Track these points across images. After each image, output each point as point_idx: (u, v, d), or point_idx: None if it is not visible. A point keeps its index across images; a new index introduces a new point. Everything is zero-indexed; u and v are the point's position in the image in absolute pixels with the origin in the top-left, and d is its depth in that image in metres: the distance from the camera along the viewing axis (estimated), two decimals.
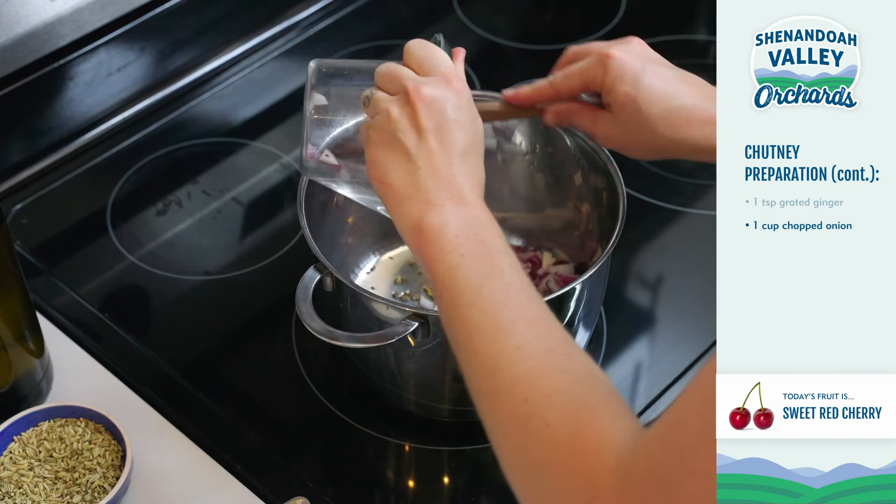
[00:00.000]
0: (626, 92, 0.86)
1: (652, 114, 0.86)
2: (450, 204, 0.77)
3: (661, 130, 0.86)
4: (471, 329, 0.72)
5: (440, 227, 0.76)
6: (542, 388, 0.67)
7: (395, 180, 0.79)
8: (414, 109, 0.79)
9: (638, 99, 0.86)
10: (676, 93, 0.86)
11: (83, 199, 1.22)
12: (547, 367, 0.68)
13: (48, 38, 1.19)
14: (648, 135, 0.87)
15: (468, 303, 0.72)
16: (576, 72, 0.90)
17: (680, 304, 1.12)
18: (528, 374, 0.68)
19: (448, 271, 0.74)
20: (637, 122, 0.87)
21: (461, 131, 0.79)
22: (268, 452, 0.99)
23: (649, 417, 1.02)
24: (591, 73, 0.88)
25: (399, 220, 0.79)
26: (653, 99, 0.86)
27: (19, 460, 0.93)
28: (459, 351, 0.73)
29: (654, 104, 0.86)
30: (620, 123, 0.88)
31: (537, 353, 0.69)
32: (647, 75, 0.86)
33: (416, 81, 0.80)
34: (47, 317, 1.08)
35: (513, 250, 0.76)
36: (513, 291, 0.72)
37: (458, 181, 0.78)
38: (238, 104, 1.32)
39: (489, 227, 0.76)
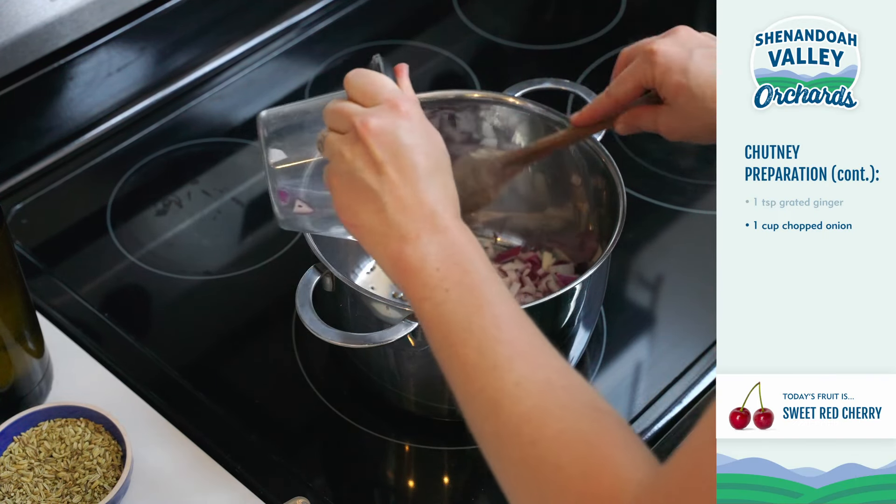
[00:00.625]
0: (676, 82, 0.86)
1: (707, 96, 0.85)
2: (425, 234, 0.73)
3: None
4: (467, 369, 0.70)
5: (420, 262, 0.73)
6: (549, 427, 0.65)
7: (365, 221, 0.75)
8: (366, 145, 0.75)
9: (690, 86, 0.86)
10: None
11: (83, 199, 1.22)
12: (550, 404, 0.66)
13: (48, 38, 1.19)
14: (709, 117, 0.85)
15: (462, 341, 0.70)
16: (627, 76, 0.90)
17: (680, 304, 1.12)
18: (532, 414, 0.66)
19: (434, 309, 0.72)
20: (695, 108, 0.86)
21: (419, 154, 0.75)
22: (268, 452, 0.99)
23: (649, 418, 1.02)
24: (641, 73, 0.88)
25: (379, 259, 0.76)
26: (704, 83, 0.85)
27: (19, 460, 0.93)
28: (457, 391, 0.71)
29: (706, 87, 0.85)
30: (680, 114, 0.88)
31: (538, 390, 0.67)
32: (695, 61, 0.86)
33: (363, 115, 0.76)
34: (47, 317, 1.08)
35: (496, 271, 0.74)
36: (504, 323, 0.70)
37: (428, 207, 0.74)
38: (238, 104, 1.32)
39: (470, 251, 0.73)
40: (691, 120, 0.87)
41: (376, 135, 0.75)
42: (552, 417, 0.66)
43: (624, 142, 1.24)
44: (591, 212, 1.05)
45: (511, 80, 1.09)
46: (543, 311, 0.94)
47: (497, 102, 1.07)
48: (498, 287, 0.72)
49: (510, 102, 1.06)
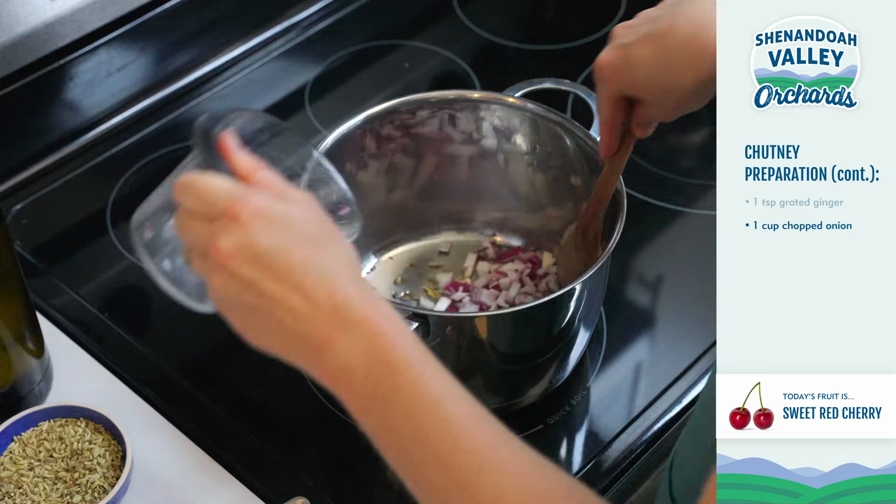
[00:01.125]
0: (629, 83, 0.88)
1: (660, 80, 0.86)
2: (338, 338, 0.64)
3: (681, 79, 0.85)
4: (435, 491, 0.64)
5: (344, 371, 0.64)
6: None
7: (271, 342, 0.67)
8: (229, 271, 0.65)
9: (639, 82, 0.87)
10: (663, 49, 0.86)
11: (83, 199, 1.22)
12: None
13: (48, 38, 1.19)
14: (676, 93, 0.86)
15: (419, 460, 0.64)
16: (599, 99, 0.91)
17: (680, 304, 1.12)
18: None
19: (379, 423, 0.65)
20: (659, 93, 0.88)
21: (289, 250, 0.65)
22: (268, 452, 0.99)
23: (649, 418, 1.02)
24: (605, 90, 0.90)
25: (310, 374, 0.67)
26: (650, 71, 0.86)
27: (19, 460, 0.93)
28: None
29: (653, 74, 0.86)
30: (654, 102, 0.89)
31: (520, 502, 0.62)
32: (634, 57, 0.86)
33: (211, 239, 0.66)
34: (47, 317, 1.08)
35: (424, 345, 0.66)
36: (460, 425, 0.63)
37: (328, 305, 0.65)
38: (238, 104, 1.32)
39: (392, 335, 0.65)
40: (666, 102, 0.88)
41: (233, 257, 0.65)
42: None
43: None
44: None
45: (511, 80, 1.09)
46: (543, 311, 0.94)
47: (497, 102, 1.07)
48: (433, 370, 0.65)
49: (510, 102, 1.06)
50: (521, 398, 1.01)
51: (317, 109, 1.31)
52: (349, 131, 1.05)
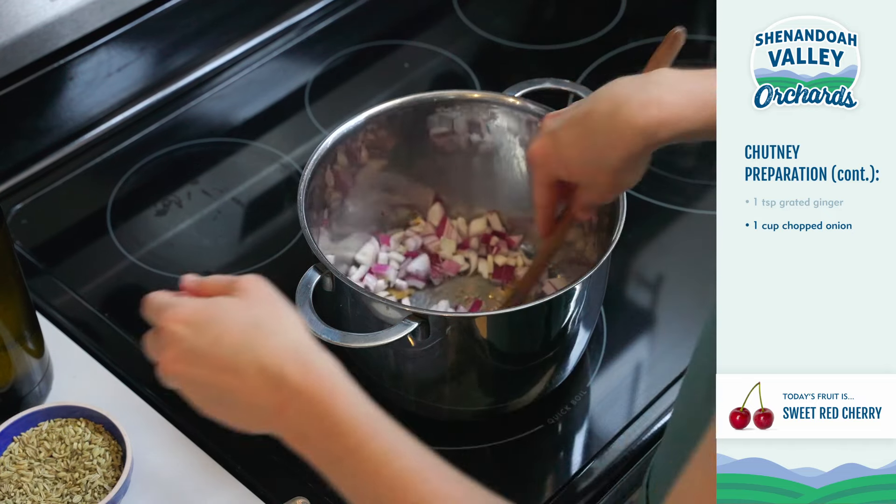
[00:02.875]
0: (557, 171, 0.91)
1: (588, 162, 0.89)
2: (287, 408, 0.70)
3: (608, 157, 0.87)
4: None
5: (301, 440, 0.71)
6: None
7: (239, 421, 0.74)
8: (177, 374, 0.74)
9: (570, 168, 0.90)
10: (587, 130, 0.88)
11: (83, 199, 1.22)
12: None
13: (48, 38, 1.19)
14: (607, 171, 0.88)
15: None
16: (535, 184, 0.94)
17: (680, 304, 1.12)
18: None
19: (339, 481, 0.70)
20: (591, 174, 0.90)
21: (216, 344, 0.72)
22: (268, 452, 0.99)
23: (650, 418, 1.02)
24: (539, 176, 0.93)
25: None
26: (576, 157, 0.89)
27: (19, 460, 0.93)
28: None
29: (580, 159, 0.89)
30: (587, 186, 0.92)
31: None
32: (559, 145, 0.89)
33: (157, 352, 0.76)
34: (47, 317, 1.08)
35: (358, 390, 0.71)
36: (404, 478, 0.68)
37: (265, 379, 0.70)
38: (238, 104, 1.32)
39: (334, 398, 0.69)
40: (598, 182, 0.90)
41: (174, 362, 0.74)
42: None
43: None
44: None
45: (511, 80, 1.09)
46: (543, 311, 0.94)
47: (497, 102, 1.07)
48: (382, 429, 0.70)
49: (510, 102, 1.06)
50: (521, 398, 1.01)
51: (317, 109, 1.31)
52: (349, 131, 1.05)
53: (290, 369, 0.70)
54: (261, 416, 0.72)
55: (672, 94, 0.84)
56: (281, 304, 0.75)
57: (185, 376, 0.73)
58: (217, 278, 0.78)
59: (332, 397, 0.69)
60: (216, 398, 0.73)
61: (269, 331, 0.72)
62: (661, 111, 0.83)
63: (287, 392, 0.70)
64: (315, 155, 1.02)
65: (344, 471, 0.69)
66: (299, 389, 0.70)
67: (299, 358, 0.71)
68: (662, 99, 0.84)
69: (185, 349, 0.73)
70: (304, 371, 0.70)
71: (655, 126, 0.84)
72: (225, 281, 0.77)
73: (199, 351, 0.72)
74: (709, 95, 0.83)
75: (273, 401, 0.70)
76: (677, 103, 0.83)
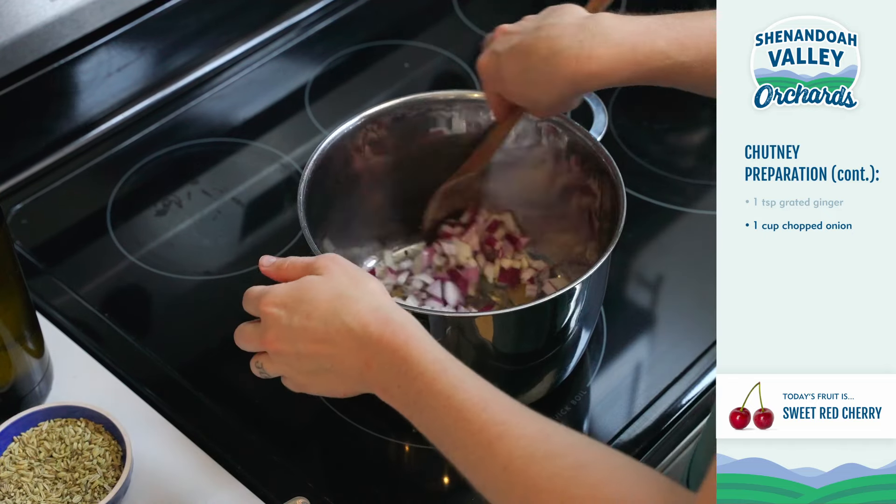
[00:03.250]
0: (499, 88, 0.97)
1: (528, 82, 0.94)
2: (372, 362, 0.78)
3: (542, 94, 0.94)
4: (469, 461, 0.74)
5: (386, 391, 0.78)
6: None
7: (335, 388, 0.82)
8: (280, 353, 0.82)
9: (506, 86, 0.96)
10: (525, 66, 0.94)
11: (83, 199, 1.22)
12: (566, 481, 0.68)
13: (48, 38, 1.19)
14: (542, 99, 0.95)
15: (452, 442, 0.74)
16: (484, 90, 1.01)
17: (680, 304, 1.12)
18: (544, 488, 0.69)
19: (418, 422, 0.77)
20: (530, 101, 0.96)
21: (308, 318, 0.80)
22: (268, 452, 0.99)
23: (650, 418, 1.02)
24: (486, 87, 0.99)
25: None
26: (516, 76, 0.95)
27: (19, 460, 0.93)
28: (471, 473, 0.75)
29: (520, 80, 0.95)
30: (527, 105, 0.97)
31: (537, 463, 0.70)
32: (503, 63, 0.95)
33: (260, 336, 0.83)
34: (47, 317, 1.08)
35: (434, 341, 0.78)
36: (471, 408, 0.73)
37: (352, 340, 0.78)
38: (238, 104, 1.32)
39: (409, 345, 0.77)
40: (536, 109, 0.97)
41: (276, 341, 0.82)
42: None
43: (624, 142, 1.24)
44: (592, 212, 1.05)
45: None
46: (543, 311, 0.94)
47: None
48: (450, 367, 0.76)
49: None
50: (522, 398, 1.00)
51: (317, 109, 1.31)
52: (349, 131, 1.05)
53: (373, 328, 0.78)
54: (353, 377, 0.79)
55: (604, 47, 0.89)
56: (359, 273, 0.83)
57: (287, 352, 0.81)
58: (293, 262, 0.85)
59: (406, 346, 0.77)
60: (314, 369, 0.81)
61: (351, 298, 0.80)
62: (591, 63, 0.89)
63: (372, 348, 0.77)
64: (315, 155, 1.02)
65: (420, 409, 0.76)
66: (381, 344, 0.77)
67: (379, 317, 0.78)
68: (594, 51, 0.89)
69: (283, 327, 0.81)
70: (384, 327, 0.78)
71: (584, 77, 0.90)
72: (302, 264, 0.85)
73: (295, 327, 0.80)
74: (640, 51, 0.88)
75: (361, 358, 0.78)
76: (608, 56, 0.89)
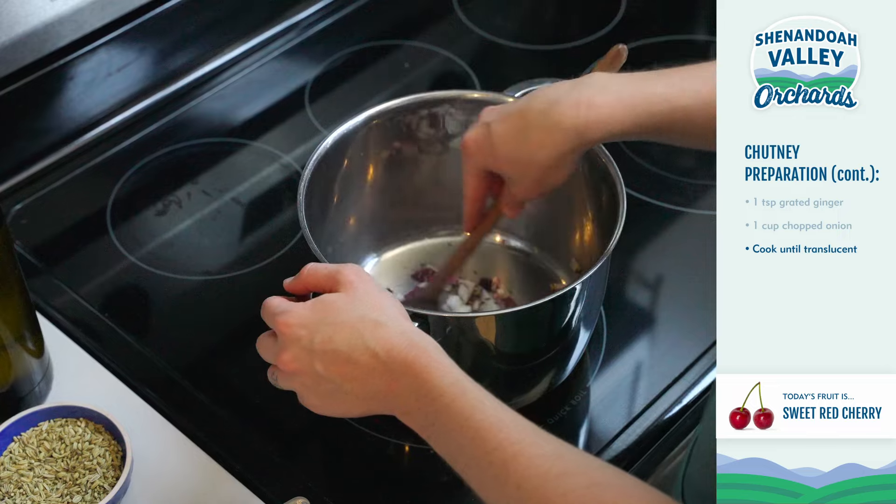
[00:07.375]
0: (489, 162, 0.94)
1: (519, 156, 0.92)
2: (396, 387, 0.78)
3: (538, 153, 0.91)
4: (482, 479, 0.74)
5: (409, 415, 0.78)
6: None
7: (354, 409, 0.81)
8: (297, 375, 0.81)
9: (499, 158, 0.93)
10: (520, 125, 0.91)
11: (83, 199, 1.22)
12: None
13: (48, 38, 1.19)
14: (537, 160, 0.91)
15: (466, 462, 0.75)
16: (465, 175, 0.97)
17: (680, 304, 1.12)
18: None
19: (435, 443, 0.77)
20: (522, 169, 0.93)
21: (330, 341, 0.79)
22: (268, 452, 0.99)
23: (649, 418, 1.02)
24: (470, 166, 0.96)
25: None
26: (511, 148, 0.92)
27: (19, 460, 0.93)
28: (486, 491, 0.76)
29: (512, 151, 0.92)
30: (517, 179, 0.94)
31: None
32: (494, 133, 0.92)
33: (275, 356, 0.82)
34: (47, 317, 1.08)
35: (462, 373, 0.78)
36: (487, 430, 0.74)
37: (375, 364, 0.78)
38: (238, 104, 1.32)
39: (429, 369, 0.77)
40: (526, 177, 0.93)
41: (293, 362, 0.81)
42: None
43: (624, 142, 1.24)
44: (592, 211, 1.05)
45: (511, 80, 1.09)
46: (544, 311, 0.94)
47: (497, 102, 1.07)
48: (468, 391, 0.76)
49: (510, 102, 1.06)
50: (521, 398, 1.01)
51: (317, 109, 1.31)
52: (349, 131, 1.05)
53: (397, 352, 0.78)
54: (373, 399, 0.79)
55: (602, 96, 0.88)
56: (382, 295, 0.83)
57: (303, 373, 0.81)
58: (315, 269, 0.85)
59: (428, 369, 0.77)
60: (331, 391, 0.80)
61: (375, 322, 0.79)
62: (590, 112, 0.88)
63: (396, 372, 0.77)
64: (315, 155, 1.02)
65: (438, 429, 0.76)
66: (405, 367, 0.77)
67: (403, 341, 0.78)
68: (593, 100, 0.88)
69: (302, 348, 0.80)
70: (408, 351, 0.78)
71: (584, 126, 0.88)
72: (324, 272, 0.84)
73: (315, 348, 0.80)
74: (639, 97, 0.88)
75: (384, 381, 0.78)
76: (607, 104, 0.88)
